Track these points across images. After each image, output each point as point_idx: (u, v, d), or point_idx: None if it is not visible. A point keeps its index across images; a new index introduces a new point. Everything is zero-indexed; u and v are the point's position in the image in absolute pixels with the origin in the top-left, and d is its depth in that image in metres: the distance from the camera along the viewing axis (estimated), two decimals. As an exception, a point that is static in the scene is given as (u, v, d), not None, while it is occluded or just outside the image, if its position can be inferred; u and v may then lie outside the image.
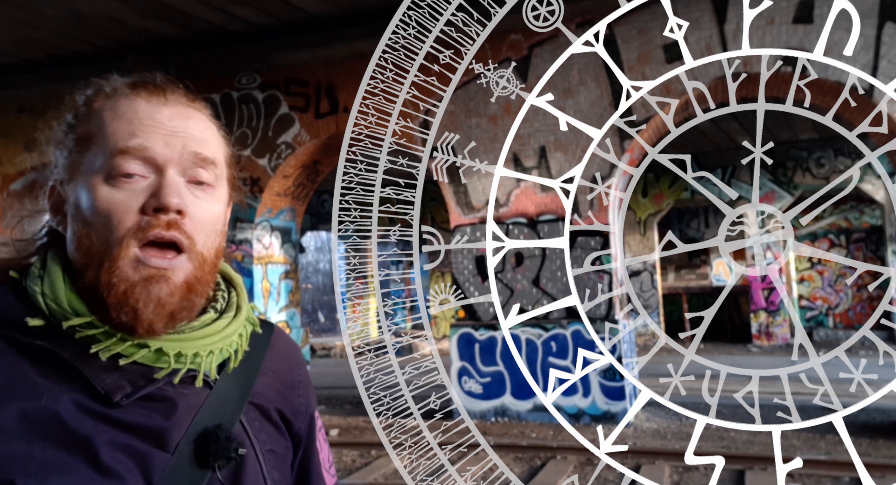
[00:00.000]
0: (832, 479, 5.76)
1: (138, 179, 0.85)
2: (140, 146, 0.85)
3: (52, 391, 0.78)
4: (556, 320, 7.89)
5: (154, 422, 0.82)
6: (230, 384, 0.92)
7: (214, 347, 0.90)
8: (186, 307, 0.86)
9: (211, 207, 0.90)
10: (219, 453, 0.84)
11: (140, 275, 0.83)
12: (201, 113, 0.94)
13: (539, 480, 5.99)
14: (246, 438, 0.90)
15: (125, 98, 0.89)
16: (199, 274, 0.87)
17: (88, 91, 0.93)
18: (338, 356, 16.80)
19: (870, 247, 16.59)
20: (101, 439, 0.77)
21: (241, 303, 0.98)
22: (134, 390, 0.82)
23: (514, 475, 1.86)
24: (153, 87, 0.91)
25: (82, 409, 0.78)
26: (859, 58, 6.76)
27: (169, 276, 0.84)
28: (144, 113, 0.88)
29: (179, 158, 0.87)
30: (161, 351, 0.85)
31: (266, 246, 9.41)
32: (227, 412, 0.89)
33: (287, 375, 1.03)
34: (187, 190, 0.88)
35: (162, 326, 0.84)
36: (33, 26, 8.18)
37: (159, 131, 0.87)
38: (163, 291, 0.83)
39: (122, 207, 0.84)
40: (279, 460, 0.95)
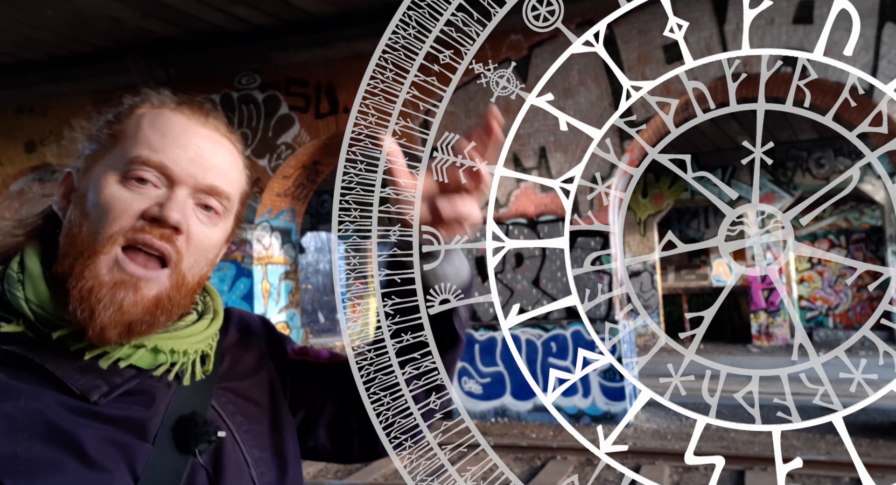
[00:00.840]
0: (832, 479, 5.76)
1: (151, 187, 0.86)
2: (161, 163, 0.86)
3: (29, 391, 0.78)
4: (556, 321, 7.89)
5: (135, 414, 0.83)
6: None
7: (198, 347, 0.92)
8: (147, 322, 0.85)
9: (211, 233, 0.91)
10: (198, 438, 0.85)
11: (112, 277, 0.82)
12: (234, 146, 0.96)
13: (539, 480, 5.99)
14: (221, 421, 0.92)
15: (168, 111, 0.91)
16: (173, 294, 0.87)
17: (137, 97, 0.94)
18: (338, 356, 16.79)
19: (870, 247, 16.59)
20: (87, 434, 0.78)
21: (218, 307, 1.00)
22: (110, 388, 0.82)
23: (515, 475, 1.87)
24: (198, 107, 0.93)
25: (64, 406, 0.78)
26: (859, 58, 6.76)
27: (140, 286, 0.84)
28: (180, 128, 0.89)
29: (196, 182, 0.88)
30: (157, 349, 0.86)
31: (266, 246, 9.41)
32: (198, 399, 0.90)
33: (245, 338, 1.05)
34: (193, 212, 0.89)
35: (115, 335, 0.82)
36: (33, 26, 8.18)
37: (187, 149, 0.88)
38: (127, 299, 0.82)
39: (123, 205, 0.84)
40: (261, 437, 0.96)
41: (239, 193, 0.96)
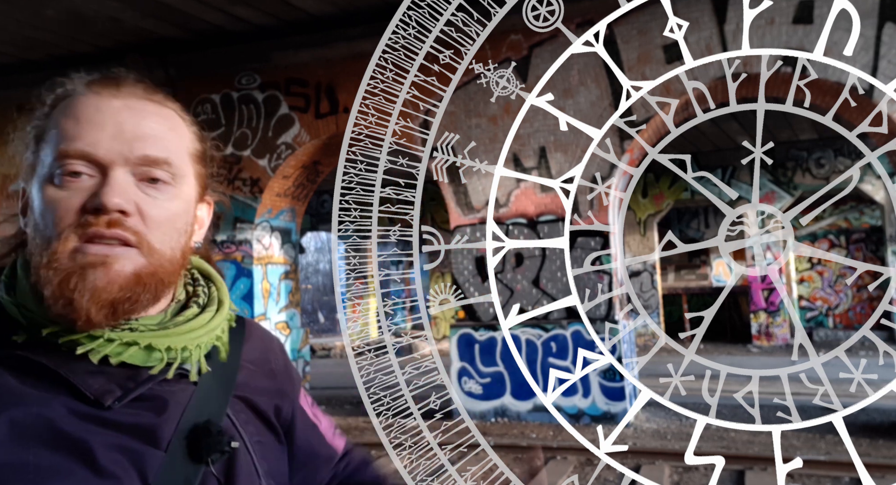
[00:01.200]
0: (832, 479, 5.76)
1: (85, 178, 0.83)
2: (80, 151, 0.82)
3: (39, 397, 0.77)
4: (556, 321, 7.89)
5: (146, 420, 0.82)
6: (213, 379, 0.92)
7: (200, 342, 0.90)
8: (130, 299, 0.82)
9: (167, 205, 0.87)
10: (212, 448, 0.84)
11: (76, 263, 0.80)
12: (159, 105, 0.90)
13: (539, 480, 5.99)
14: (234, 430, 0.91)
15: (80, 95, 0.87)
16: (153, 269, 0.84)
17: (50, 92, 0.90)
18: (338, 356, 16.80)
19: (870, 247, 16.59)
20: (96, 441, 0.77)
21: (223, 297, 0.97)
22: (124, 392, 0.81)
23: (514, 476, 1.86)
24: (107, 80, 0.88)
25: (74, 412, 0.78)
26: (859, 58, 6.76)
27: (110, 262, 0.81)
28: (92, 107, 0.85)
29: (125, 158, 0.84)
30: (151, 347, 0.84)
31: (266, 246, 9.41)
32: (214, 407, 0.89)
33: (265, 364, 1.03)
34: (138, 188, 0.85)
35: (102, 317, 0.80)
36: (33, 26, 8.18)
37: (104, 129, 0.84)
38: (99, 279, 0.80)
39: (63, 205, 0.82)
40: (267, 449, 0.96)
41: (185, 153, 0.90)
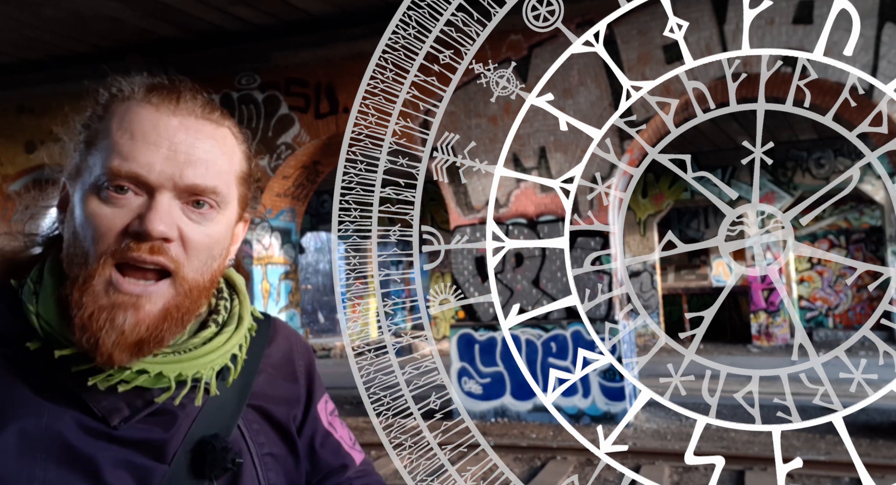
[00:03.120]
0: (832, 479, 5.76)
1: (131, 196, 0.81)
2: (132, 173, 0.80)
3: (52, 410, 0.77)
4: (556, 321, 7.89)
5: (154, 436, 0.82)
6: (228, 389, 0.90)
7: (215, 364, 0.88)
8: (156, 337, 0.81)
9: (210, 231, 0.85)
10: (215, 464, 0.83)
11: (109, 300, 0.79)
12: (217, 126, 0.87)
13: (539, 480, 5.99)
14: (243, 443, 0.90)
15: (136, 104, 0.84)
16: (180, 301, 0.82)
17: (106, 93, 0.88)
18: (338, 357, 16.80)
19: (870, 247, 16.59)
20: (104, 457, 0.77)
21: (244, 313, 0.95)
22: (132, 412, 0.81)
23: (514, 475, 1.86)
24: (167, 93, 0.85)
25: (84, 428, 0.78)
26: (859, 58, 6.76)
27: (141, 304, 0.80)
28: (149, 124, 0.82)
29: (174, 183, 0.81)
30: (161, 375, 0.82)
31: (266, 247, 9.41)
32: (225, 419, 0.88)
33: (287, 367, 1.01)
34: (182, 213, 0.83)
35: (125, 358, 0.79)
36: (33, 26, 8.18)
37: (160, 148, 0.81)
38: (128, 322, 0.78)
39: (105, 224, 0.80)
40: (277, 461, 0.94)
41: (233, 178, 0.88)
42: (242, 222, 0.96)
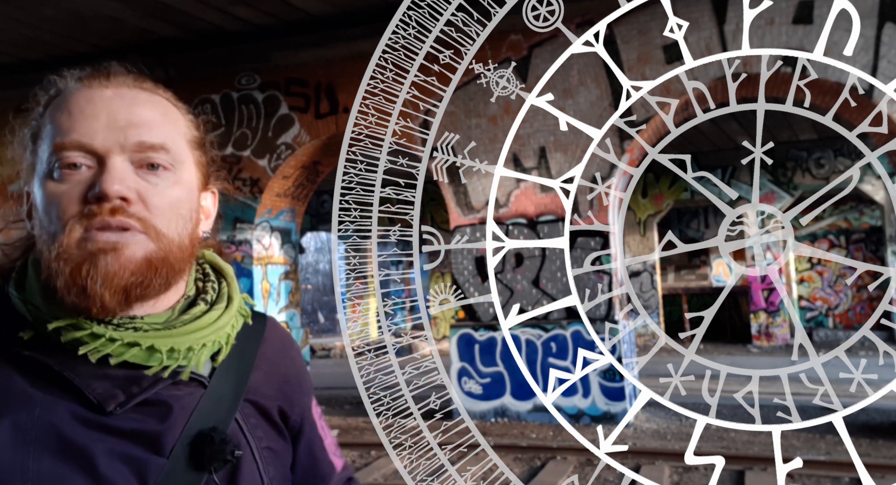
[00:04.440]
0: (832, 479, 5.76)
1: (83, 169, 0.82)
2: (76, 141, 0.82)
3: (45, 401, 0.77)
4: (556, 321, 7.89)
5: (149, 427, 0.81)
6: (224, 382, 0.90)
7: (207, 340, 0.88)
8: (142, 284, 0.82)
9: (169, 191, 0.86)
10: (214, 456, 0.83)
11: (87, 251, 0.80)
12: (151, 93, 0.90)
13: (539, 480, 5.99)
14: (241, 436, 0.90)
15: (72, 91, 0.87)
16: (164, 254, 0.83)
17: (43, 91, 0.90)
18: (338, 356, 16.80)
19: (869, 247, 16.59)
20: (98, 448, 0.77)
21: (233, 293, 0.95)
22: (127, 397, 0.80)
23: (514, 476, 1.86)
24: (97, 72, 0.89)
25: (78, 418, 0.77)
26: (859, 58, 6.76)
27: (120, 248, 0.80)
28: (84, 100, 0.85)
29: (121, 146, 0.83)
30: (153, 348, 0.83)
31: (266, 247, 9.41)
32: (222, 412, 0.88)
33: (283, 367, 1.02)
34: (138, 175, 0.84)
35: (115, 303, 0.80)
36: (33, 26, 8.18)
37: (99, 118, 0.84)
38: (112, 265, 0.80)
39: (65, 198, 0.81)
40: (275, 456, 0.95)
41: (182, 139, 0.90)
42: (211, 195, 0.97)
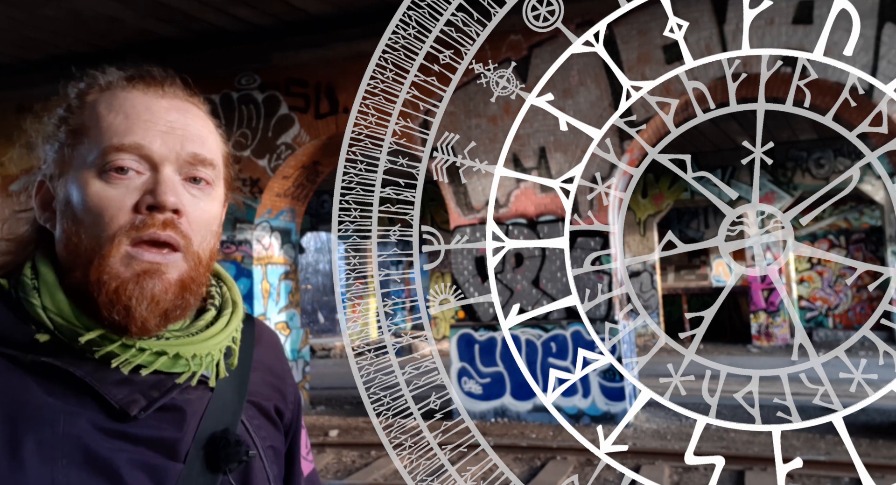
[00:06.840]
0: (832, 479, 5.76)
1: (133, 175, 0.82)
2: (135, 144, 0.82)
3: (66, 412, 0.76)
4: (556, 321, 7.89)
5: (167, 434, 0.82)
6: (228, 386, 0.91)
7: (221, 346, 0.89)
8: (180, 306, 0.83)
9: (208, 206, 0.87)
10: (230, 458, 0.84)
11: (132, 271, 0.80)
12: (199, 109, 0.91)
13: (539, 480, 5.99)
14: (248, 437, 0.90)
15: (121, 91, 0.86)
16: (194, 274, 0.84)
17: (81, 84, 0.89)
18: (338, 357, 16.80)
19: (869, 247, 16.59)
20: (122, 458, 0.77)
21: (236, 298, 0.97)
22: (148, 403, 0.81)
23: (514, 476, 1.86)
24: (150, 79, 0.88)
25: (100, 428, 0.77)
26: (859, 58, 6.76)
27: (163, 271, 0.81)
28: (141, 106, 0.85)
29: (177, 155, 0.84)
30: (178, 356, 0.83)
31: (266, 247, 9.41)
32: (230, 414, 0.89)
33: (276, 366, 1.03)
34: (183, 188, 0.84)
35: (155, 325, 0.81)
36: (33, 26, 8.18)
37: (156, 127, 0.84)
38: (157, 287, 0.80)
39: (115, 204, 0.80)
40: (277, 454, 0.96)
41: (221, 156, 0.92)
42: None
